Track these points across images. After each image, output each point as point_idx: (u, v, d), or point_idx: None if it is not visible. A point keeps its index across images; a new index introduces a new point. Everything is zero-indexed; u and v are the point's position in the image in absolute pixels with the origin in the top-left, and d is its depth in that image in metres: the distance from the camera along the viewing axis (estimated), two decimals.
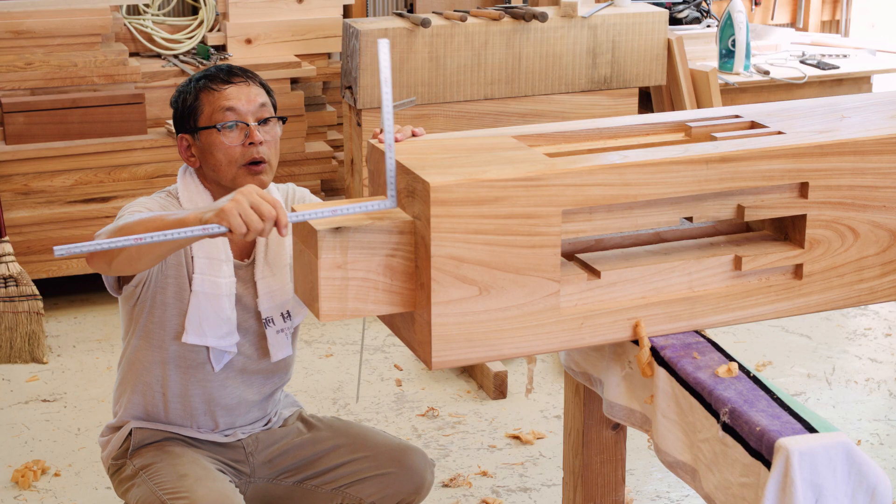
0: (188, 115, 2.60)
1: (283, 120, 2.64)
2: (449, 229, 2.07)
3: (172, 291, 2.58)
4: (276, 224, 2.10)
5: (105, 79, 4.57)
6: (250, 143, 2.55)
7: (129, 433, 2.66)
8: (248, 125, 2.55)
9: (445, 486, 3.42)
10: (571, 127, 2.44)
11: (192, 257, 2.57)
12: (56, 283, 4.63)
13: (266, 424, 2.77)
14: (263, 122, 2.58)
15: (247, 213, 2.08)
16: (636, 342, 2.25)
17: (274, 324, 2.65)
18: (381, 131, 2.27)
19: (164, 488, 2.56)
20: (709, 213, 2.28)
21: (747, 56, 4.95)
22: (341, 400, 3.90)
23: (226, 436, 2.71)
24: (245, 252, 2.66)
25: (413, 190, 2.11)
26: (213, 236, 2.10)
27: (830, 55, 5.26)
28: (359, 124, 4.34)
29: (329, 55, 5.20)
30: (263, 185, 2.57)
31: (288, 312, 2.66)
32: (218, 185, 2.60)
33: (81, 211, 4.49)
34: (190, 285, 2.56)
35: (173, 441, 2.67)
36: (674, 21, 5.33)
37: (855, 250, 2.36)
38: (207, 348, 2.61)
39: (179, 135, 2.63)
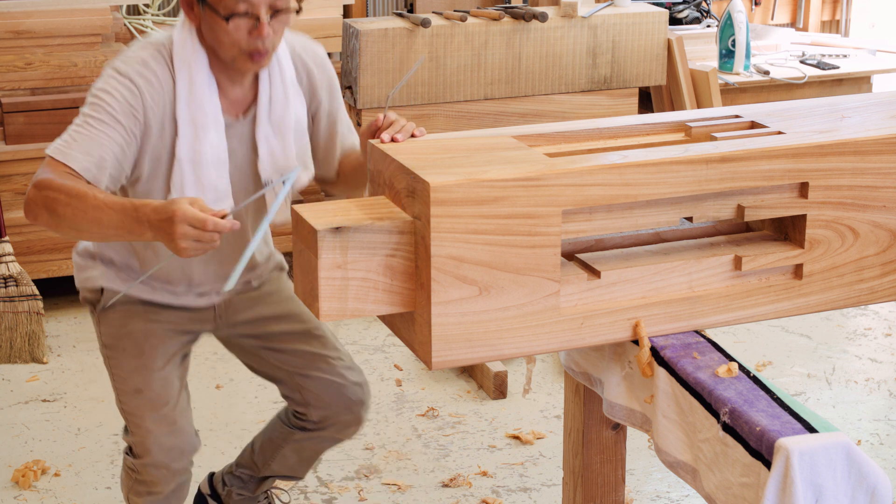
0: None
1: (299, 10, 2.50)
2: (449, 229, 2.07)
3: (156, 158, 2.48)
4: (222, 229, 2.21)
5: None
6: (257, 35, 2.42)
7: (101, 290, 2.67)
8: (258, 19, 2.40)
9: (445, 486, 3.42)
10: (571, 127, 2.44)
11: (176, 120, 2.47)
12: (56, 283, 4.63)
13: (246, 284, 2.76)
14: (276, 12, 2.43)
15: (197, 244, 2.21)
16: (636, 342, 2.25)
17: (273, 187, 2.57)
18: (380, 128, 2.29)
19: (121, 398, 2.70)
20: (709, 213, 2.28)
21: (747, 56, 4.95)
22: None
23: (200, 295, 2.69)
24: (243, 107, 2.56)
25: (413, 190, 2.11)
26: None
27: (830, 55, 5.26)
28: (359, 124, 4.34)
29: (329, 55, 5.20)
30: (261, 67, 2.49)
31: (288, 177, 2.52)
32: (215, 54, 2.48)
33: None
34: (174, 150, 2.47)
35: (139, 315, 2.65)
36: (674, 21, 5.33)
37: (855, 250, 2.36)
38: None
39: None
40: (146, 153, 2.47)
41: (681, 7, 5.40)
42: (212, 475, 3.11)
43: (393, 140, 2.26)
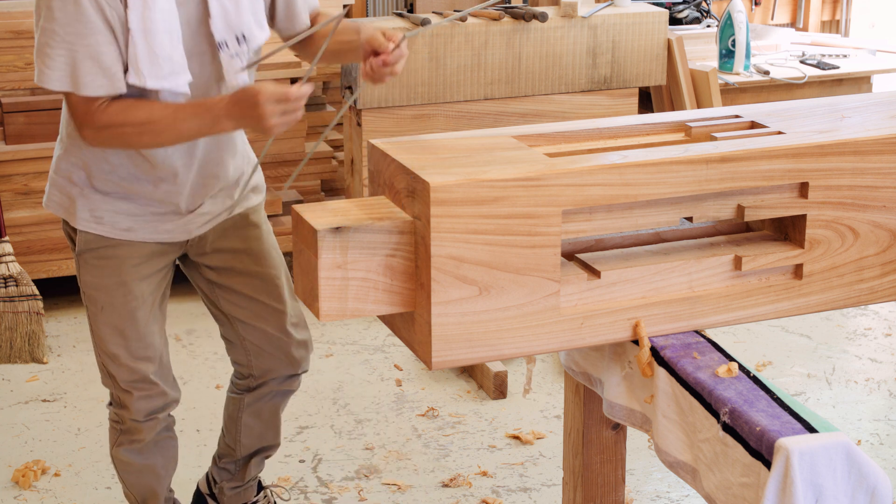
0: None
1: None
2: (449, 229, 2.07)
3: (117, 33, 2.39)
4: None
5: None
6: None
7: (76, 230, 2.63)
8: None
9: (445, 486, 3.42)
10: (571, 127, 2.44)
11: None
12: (56, 283, 4.63)
13: (222, 207, 2.70)
14: None
15: (285, 117, 2.30)
16: (636, 342, 2.25)
17: (227, 47, 2.48)
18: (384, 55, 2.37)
19: (102, 347, 2.68)
20: (709, 213, 2.28)
21: (747, 56, 4.95)
22: (341, 400, 3.90)
23: (184, 218, 2.63)
24: None
25: (413, 190, 2.11)
26: None
27: (830, 55, 5.26)
28: (359, 124, 4.34)
29: None
30: None
31: (243, 35, 2.50)
32: None
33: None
34: (127, 24, 2.38)
35: (115, 259, 2.61)
36: (674, 21, 5.33)
37: (855, 250, 2.36)
38: (157, 92, 2.44)
39: None
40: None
41: (681, 7, 5.40)
42: (208, 474, 3.11)
43: (384, 63, 2.36)
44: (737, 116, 2.50)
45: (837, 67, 5.08)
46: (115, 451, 2.86)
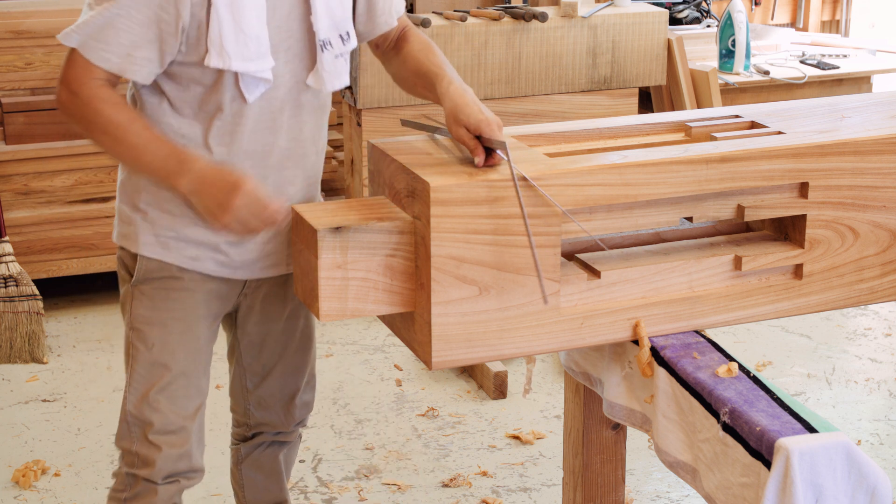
0: None
1: None
2: (449, 229, 2.07)
3: (195, 10, 2.17)
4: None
5: None
6: None
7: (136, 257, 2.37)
8: None
9: (445, 486, 3.42)
10: (571, 127, 2.44)
11: None
12: (56, 283, 4.63)
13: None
14: None
15: (241, 227, 2.17)
16: (636, 342, 2.25)
17: (332, 47, 2.26)
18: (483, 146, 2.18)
19: (138, 400, 2.37)
20: (709, 213, 2.28)
21: (747, 56, 4.95)
22: (341, 400, 3.90)
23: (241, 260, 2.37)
24: None
25: (413, 190, 2.11)
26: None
27: (830, 55, 5.26)
28: (359, 124, 4.34)
29: None
30: None
31: (347, 33, 2.28)
32: None
33: (81, 211, 4.49)
34: None
35: (179, 291, 2.35)
36: (674, 21, 5.33)
37: (855, 250, 2.36)
38: (236, 77, 2.21)
39: None
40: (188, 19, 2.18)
41: (681, 7, 5.40)
42: None
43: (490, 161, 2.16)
44: (737, 116, 2.50)
45: (837, 67, 5.08)
46: None
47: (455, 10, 4.48)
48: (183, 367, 2.38)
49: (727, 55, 4.96)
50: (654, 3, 4.93)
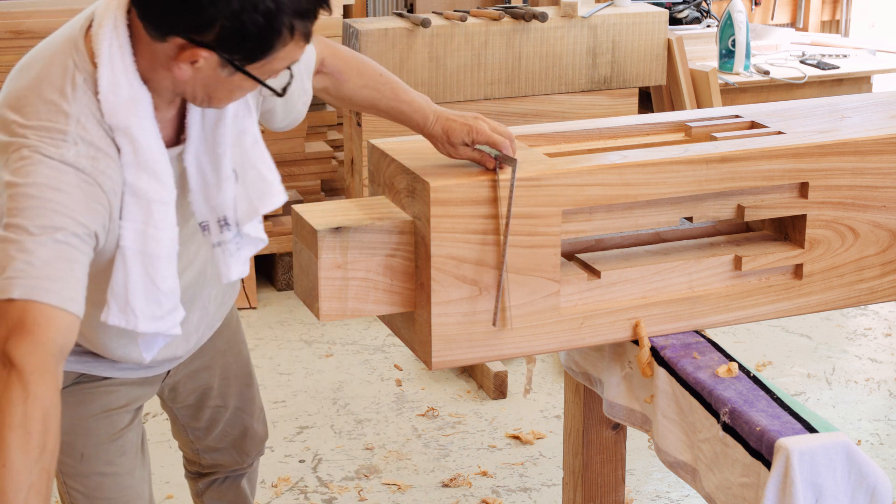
0: (242, 41, 1.71)
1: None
2: (449, 229, 2.07)
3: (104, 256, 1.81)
4: None
5: None
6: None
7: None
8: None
9: (445, 486, 3.42)
10: (571, 127, 2.44)
11: (122, 192, 1.78)
12: None
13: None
14: None
15: None
16: (636, 342, 2.25)
17: (209, 232, 1.92)
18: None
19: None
20: (709, 213, 2.28)
21: (747, 56, 4.95)
22: (341, 400, 3.90)
23: (150, 366, 2.14)
24: (174, 132, 1.89)
25: (413, 190, 2.11)
26: None
27: (830, 55, 5.26)
28: (359, 124, 4.34)
29: None
30: None
31: (225, 219, 1.91)
32: (159, 93, 1.81)
33: None
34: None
35: (97, 388, 2.08)
36: (674, 21, 5.33)
37: (855, 250, 2.36)
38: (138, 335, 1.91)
39: (187, 39, 1.70)
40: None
41: (681, 7, 5.40)
42: None
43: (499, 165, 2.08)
44: (737, 116, 2.50)
45: (837, 67, 5.08)
46: None
47: (455, 10, 4.48)
48: (121, 467, 2.15)
49: (727, 55, 4.96)
50: (654, 3, 4.93)
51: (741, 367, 2.15)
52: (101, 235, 1.77)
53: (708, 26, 5.40)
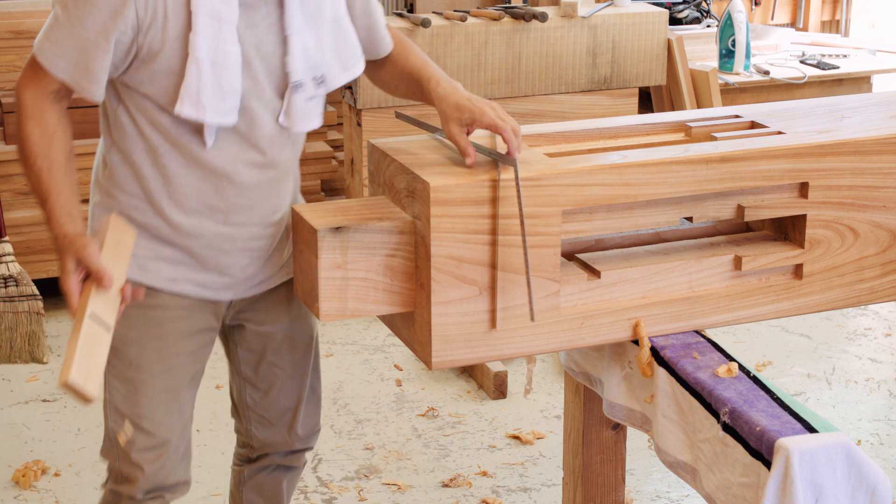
0: None
1: None
2: (449, 229, 2.07)
3: (168, 55, 2.14)
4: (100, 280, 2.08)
5: None
6: None
7: None
8: None
9: (445, 486, 3.42)
10: (571, 127, 2.44)
11: (190, 9, 2.12)
12: (56, 284, 4.63)
13: (274, 246, 2.36)
14: None
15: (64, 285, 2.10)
16: (636, 342, 2.25)
17: (305, 89, 2.22)
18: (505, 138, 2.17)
19: (118, 419, 2.34)
20: (709, 213, 2.28)
21: (747, 56, 4.95)
22: (341, 400, 3.90)
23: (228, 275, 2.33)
24: None
25: (413, 190, 2.11)
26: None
27: (830, 55, 5.26)
28: (359, 124, 4.34)
29: None
30: None
31: (322, 76, 2.24)
32: None
33: (81, 211, 4.48)
34: (186, 48, 2.12)
35: (156, 310, 2.30)
36: (674, 21, 5.33)
37: (855, 250, 2.36)
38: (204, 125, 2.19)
39: None
40: (143, 46, 2.14)
41: (681, 7, 5.40)
42: None
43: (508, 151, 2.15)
44: (737, 116, 2.50)
45: (837, 67, 5.08)
46: None
47: (455, 10, 4.49)
48: (163, 385, 2.34)
49: (727, 55, 4.96)
50: (654, 3, 4.93)
51: (741, 367, 2.15)
52: (129, 34, 2.12)
53: (708, 26, 5.40)
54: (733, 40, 4.93)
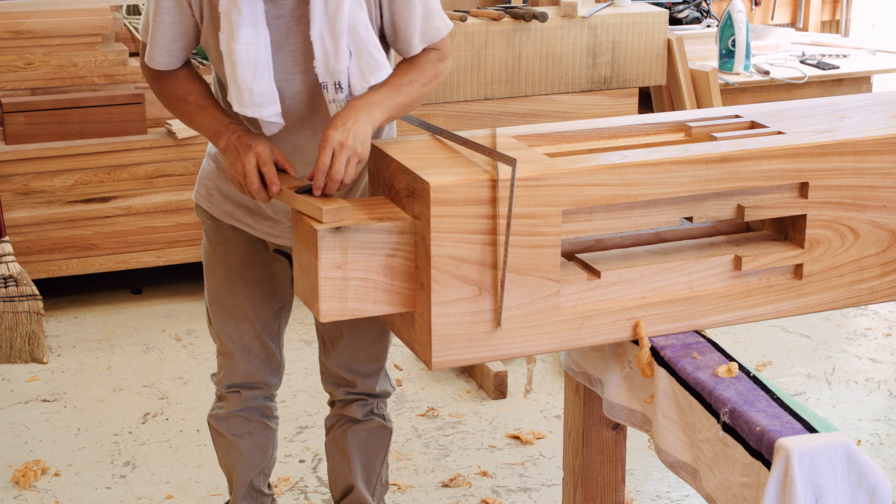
0: None
1: None
2: (449, 229, 2.07)
3: (207, 47, 2.41)
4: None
5: (105, 79, 4.57)
6: None
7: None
8: None
9: (445, 486, 3.42)
10: (571, 127, 2.44)
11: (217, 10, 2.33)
12: (56, 283, 4.63)
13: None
14: None
15: (236, 184, 2.31)
16: (636, 342, 2.25)
17: (327, 91, 2.36)
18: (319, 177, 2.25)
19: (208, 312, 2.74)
20: (709, 213, 2.28)
21: (747, 56, 4.95)
22: None
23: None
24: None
25: (413, 190, 2.11)
26: None
27: (830, 55, 5.26)
28: None
29: None
30: None
31: (339, 83, 2.36)
32: None
33: (81, 211, 4.49)
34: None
35: (219, 236, 2.63)
36: (674, 21, 5.33)
37: (855, 250, 2.36)
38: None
39: None
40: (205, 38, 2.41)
41: (681, 7, 5.40)
42: None
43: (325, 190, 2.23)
44: (737, 116, 2.50)
45: (837, 67, 5.08)
46: (209, 415, 2.85)
47: (455, 10, 4.48)
48: (229, 304, 2.68)
49: (727, 55, 4.96)
50: (654, 3, 4.93)
51: (741, 367, 2.15)
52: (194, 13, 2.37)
53: (708, 26, 5.40)
54: (733, 40, 4.93)
